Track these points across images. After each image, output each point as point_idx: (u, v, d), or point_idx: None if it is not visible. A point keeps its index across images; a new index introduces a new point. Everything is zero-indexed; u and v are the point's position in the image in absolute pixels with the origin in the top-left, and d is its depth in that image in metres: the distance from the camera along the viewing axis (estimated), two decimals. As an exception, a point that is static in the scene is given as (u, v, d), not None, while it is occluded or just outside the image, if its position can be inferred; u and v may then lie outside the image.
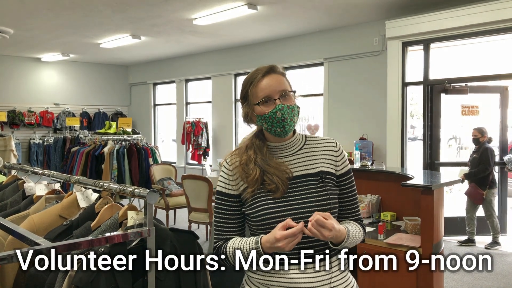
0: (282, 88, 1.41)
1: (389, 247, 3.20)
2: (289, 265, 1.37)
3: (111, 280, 1.42)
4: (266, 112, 1.40)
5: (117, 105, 11.42)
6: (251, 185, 1.41)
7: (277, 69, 1.44)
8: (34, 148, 9.84)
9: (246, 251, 1.36)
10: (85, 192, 1.99)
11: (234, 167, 1.45)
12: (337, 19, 6.64)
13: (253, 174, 1.40)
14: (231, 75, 8.95)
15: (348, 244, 1.38)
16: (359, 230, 1.45)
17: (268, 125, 1.41)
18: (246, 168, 1.42)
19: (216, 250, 1.45)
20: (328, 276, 1.39)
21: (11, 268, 1.74)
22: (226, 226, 1.46)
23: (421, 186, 3.12)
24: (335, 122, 7.23)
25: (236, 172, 1.45)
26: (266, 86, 1.40)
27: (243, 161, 1.44)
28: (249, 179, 1.41)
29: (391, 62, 6.21)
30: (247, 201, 1.43)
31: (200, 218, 5.28)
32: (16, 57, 9.79)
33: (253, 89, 1.42)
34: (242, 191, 1.43)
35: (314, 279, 1.37)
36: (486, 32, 5.39)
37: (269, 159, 1.43)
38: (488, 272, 4.52)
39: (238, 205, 1.45)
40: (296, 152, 1.48)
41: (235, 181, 1.45)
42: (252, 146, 1.46)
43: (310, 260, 1.37)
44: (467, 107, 5.79)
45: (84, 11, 6.09)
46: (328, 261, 1.40)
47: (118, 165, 6.24)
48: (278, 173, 1.40)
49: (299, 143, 1.50)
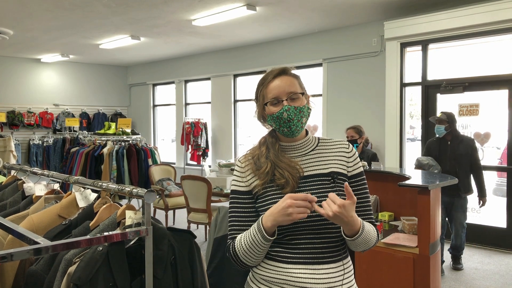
0: (291, 90, 1.44)
1: (387, 246, 3.21)
2: (295, 264, 1.37)
3: (109, 278, 1.44)
4: (274, 112, 1.44)
5: (116, 106, 11.44)
6: (261, 177, 1.43)
7: (289, 71, 1.49)
8: (34, 149, 9.85)
9: (249, 235, 1.37)
10: (84, 192, 2.01)
11: (246, 164, 1.49)
12: (336, 20, 6.66)
13: (264, 167, 1.43)
14: (230, 75, 8.97)
15: (362, 238, 1.35)
16: (373, 230, 1.43)
17: (276, 125, 1.46)
18: (258, 162, 1.46)
19: (227, 250, 1.46)
20: (340, 277, 1.39)
21: (10, 266, 1.75)
22: (239, 224, 1.45)
23: (418, 186, 3.14)
24: (333, 123, 7.25)
25: (248, 169, 1.48)
26: (275, 87, 1.45)
27: (256, 155, 1.49)
28: (260, 171, 1.44)
29: (389, 62, 6.23)
30: (258, 197, 1.44)
31: (199, 219, 5.29)
32: (15, 58, 9.80)
33: (264, 89, 1.47)
34: (254, 187, 1.45)
35: (323, 280, 1.36)
36: (484, 33, 5.41)
37: (281, 155, 1.46)
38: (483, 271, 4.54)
39: (251, 201, 1.46)
40: (309, 153, 1.49)
41: (247, 177, 1.47)
42: (265, 143, 1.51)
43: (320, 260, 1.37)
44: (465, 106, 5.56)
45: (84, 12, 6.10)
46: (340, 263, 1.40)
47: (117, 166, 6.25)
48: (289, 169, 1.42)
49: (311, 144, 1.51)
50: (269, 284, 1.41)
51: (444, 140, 4.60)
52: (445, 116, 4.57)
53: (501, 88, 5.46)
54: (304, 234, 1.38)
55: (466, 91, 5.61)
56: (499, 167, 5.75)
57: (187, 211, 5.45)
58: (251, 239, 1.36)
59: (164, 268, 1.56)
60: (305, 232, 1.38)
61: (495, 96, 5.84)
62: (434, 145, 4.67)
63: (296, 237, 1.38)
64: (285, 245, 1.39)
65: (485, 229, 5.52)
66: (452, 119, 4.56)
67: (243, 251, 1.38)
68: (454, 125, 4.56)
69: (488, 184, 6.04)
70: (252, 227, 1.38)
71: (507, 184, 5.48)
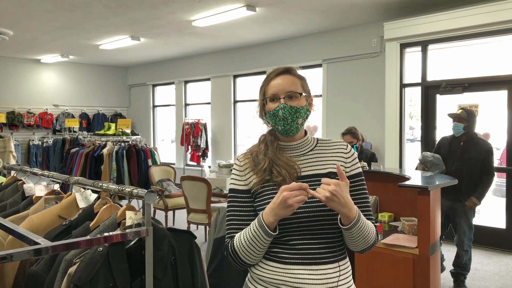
0: (291, 89, 1.45)
1: (387, 247, 3.21)
2: (293, 264, 1.37)
3: (109, 279, 1.44)
4: (271, 109, 1.45)
5: (116, 107, 11.44)
6: (259, 174, 1.43)
7: (293, 71, 1.49)
8: (33, 150, 9.84)
9: (250, 232, 1.35)
10: (84, 193, 2.00)
11: (246, 162, 1.49)
12: (336, 21, 6.67)
13: (262, 163, 1.44)
14: (230, 76, 8.97)
15: (359, 228, 1.33)
16: (372, 226, 1.41)
17: (272, 122, 1.47)
18: (256, 158, 1.47)
19: (225, 248, 1.44)
20: (335, 278, 1.38)
21: (10, 267, 1.75)
22: (238, 222, 1.44)
23: (418, 186, 3.14)
24: (333, 123, 7.25)
25: (247, 167, 1.48)
26: (275, 84, 1.46)
27: (254, 152, 1.49)
28: (258, 168, 1.44)
29: (389, 63, 6.23)
30: (257, 195, 1.44)
31: (199, 219, 5.29)
32: (15, 59, 9.80)
33: (265, 86, 1.49)
34: (252, 185, 1.45)
35: (320, 281, 1.36)
36: (483, 34, 5.41)
37: (279, 153, 1.47)
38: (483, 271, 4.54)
39: (249, 200, 1.45)
40: (307, 153, 1.49)
41: (245, 176, 1.47)
42: (264, 140, 1.51)
43: (317, 261, 1.37)
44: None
45: (84, 13, 6.11)
46: (336, 264, 1.40)
47: (117, 166, 6.25)
48: (286, 167, 1.42)
49: (309, 145, 1.52)
50: (266, 285, 1.41)
51: (457, 140, 4.20)
52: (465, 114, 4.12)
53: (501, 89, 5.46)
54: (301, 235, 1.38)
55: (466, 91, 5.61)
56: (499, 167, 5.75)
57: (187, 212, 5.45)
58: (251, 236, 1.34)
59: (164, 268, 1.56)
60: (303, 233, 1.38)
61: (495, 97, 5.85)
62: (445, 143, 4.29)
63: (293, 238, 1.38)
64: (282, 246, 1.39)
65: (485, 229, 5.52)
66: (472, 118, 4.12)
67: (243, 248, 1.36)
68: (473, 125, 4.12)
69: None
70: (252, 224, 1.36)
71: (506, 185, 5.47)
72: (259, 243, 1.34)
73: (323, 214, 1.37)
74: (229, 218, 1.46)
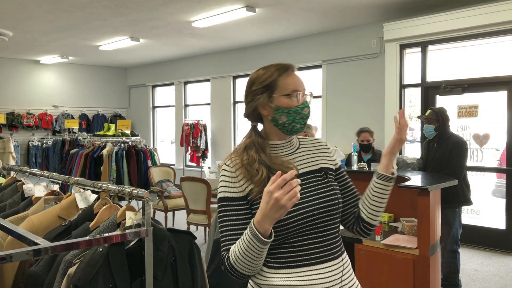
0: (305, 87, 1.45)
1: (387, 248, 3.21)
2: (298, 267, 1.33)
3: (109, 279, 1.43)
4: (292, 106, 1.39)
5: (116, 107, 11.44)
6: (257, 184, 1.33)
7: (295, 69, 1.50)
8: (33, 150, 9.84)
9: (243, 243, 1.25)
10: (84, 193, 2.00)
11: (237, 168, 1.37)
12: (335, 22, 6.67)
13: (260, 173, 1.33)
14: (229, 77, 8.97)
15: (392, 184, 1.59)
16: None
17: (289, 120, 1.40)
18: (250, 168, 1.35)
19: (222, 262, 1.33)
20: (339, 274, 1.38)
21: (10, 267, 1.75)
22: (234, 233, 1.32)
23: (418, 187, 3.14)
24: (333, 124, 7.26)
25: (239, 174, 1.36)
26: (295, 81, 1.42)
27: (245, 161, 1.36)
28: (256, 179, 1.33)
29: (389, 64, 6.24)
30: (254, 202, 1.34)
31: (198, 220, 5.29)
32: (15, 59, 9.80)
33: (283, 79, 1.40)
34: (249, 192, 1.34)
35: (325, 279, 1.34)
36: (483, 35, 5.42)
37: (274, 157, 1.40)
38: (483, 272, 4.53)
39: (246, 207, 1.34)
40: (295, 151, 1.48)
41: (239, 182, 1.35)
42: (252, 146, 1.40)
43: (322, 259, 1.36)
44: (464, 107, 5.55)
45: (83, 14, 6.11)
46: (340, 259, 1.40)
47: (117, 167, 6.25)
48: (285, 170, 1.29)
49: (296, 142, 1.52)
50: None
51: (432, 142, 4.03)
52: (434, 114, 3.91)
53: (500, 90, 5.46)
54: (304, 235, 1.35)
55: (465, 92, 5.62)
56: (498, 168, 5.75)
57: (187, 213, 5.45)
58: (245, 247, 1.24)
59: (164, 269, 1.56)
60: (305, 233, 1.36)
61: (494, 98, 5.85)
62: (425, 147, 4.16)
63: (296, 239, 1.35)
64: (286, 249, 1.35)
65: (484, 230, 5.52)
66: (442, 117, 3.91)
67: (239, 260, 1.26)
68: (444, 124, 3.91)
69: (487, 186, 6.06)
70: (244, 234, 1.25)
71: (506, 186, 5.47)
72: (255, 253, 1.24)
73: (322, 211, 1.37)
74: (224, 229, 1.34)
